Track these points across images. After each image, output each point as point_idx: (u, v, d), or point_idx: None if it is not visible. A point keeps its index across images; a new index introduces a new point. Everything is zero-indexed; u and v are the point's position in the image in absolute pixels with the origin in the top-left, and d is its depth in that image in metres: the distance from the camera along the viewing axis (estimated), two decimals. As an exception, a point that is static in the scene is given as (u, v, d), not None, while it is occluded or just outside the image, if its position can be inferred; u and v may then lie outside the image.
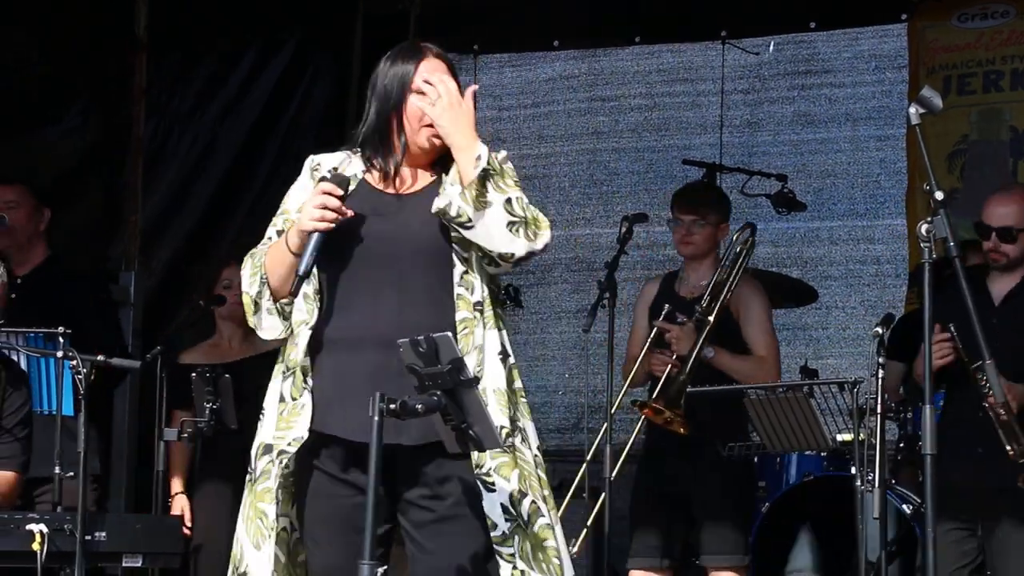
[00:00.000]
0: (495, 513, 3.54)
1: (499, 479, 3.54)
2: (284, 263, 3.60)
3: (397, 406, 3.24)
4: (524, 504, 3.55)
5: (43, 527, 4.81)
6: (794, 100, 8.17)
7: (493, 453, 3.51)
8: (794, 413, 5.61)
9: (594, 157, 8.49)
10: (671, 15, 8.18)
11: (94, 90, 7.01)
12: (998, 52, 7.67)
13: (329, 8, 8.07)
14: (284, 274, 3.61)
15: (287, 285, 3.60)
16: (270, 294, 3.62)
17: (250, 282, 3.65)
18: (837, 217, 8.03)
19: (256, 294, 3.64)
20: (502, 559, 3.54)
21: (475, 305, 3.58)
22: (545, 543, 3.57)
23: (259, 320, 3.65)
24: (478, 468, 3.53)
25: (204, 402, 5.60)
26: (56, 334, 5.09)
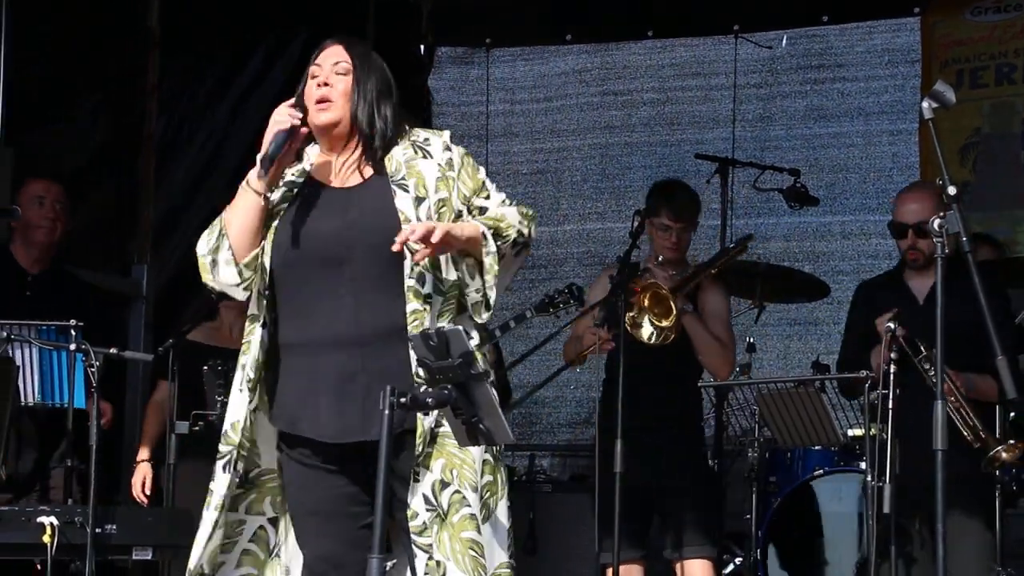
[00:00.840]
0: (416, 503, 3.54)
1: (423, 469, 3.55)
2: (248, 206, 3.62)
3: (408, 399, 3.23)
4: (445, 494, 3.55)
5: (54, 520, 4.83)
6: (806, 94, 8.16)
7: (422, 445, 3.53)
8: (805, 408, 5.61)
9: (606, 151, 8.49)
10: (683, 9, 8.18)
11: (106, 87, 7.02)
12: (1010, 45, 7.66)
13: (341, 3, 8.07)
14: (247, 221, 3.63)
15: (249, 237, 3.62)
16: (229, 246, 3.63)
17: (207, 240, 3.68)
18: (849, 212, 8.01)
19: (212, 248, 3.65)
20: (419, 549, 3.52)
21: (426, 297, 3.58)
22: (463, 534, 3.54)
23: (215, 273, 3.66)
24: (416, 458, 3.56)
25: (215, 395, 5.60)
26: (68, 327, 5.10)
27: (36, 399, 5.41)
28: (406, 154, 3.69)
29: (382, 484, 3.22)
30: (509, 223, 3.65)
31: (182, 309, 6.76)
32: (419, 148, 3.70)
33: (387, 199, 3.62)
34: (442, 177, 3.65)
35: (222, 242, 3.64)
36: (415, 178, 3.64)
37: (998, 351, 3.83)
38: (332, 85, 3.67)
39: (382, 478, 3.22)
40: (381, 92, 3.71)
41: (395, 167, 3.66)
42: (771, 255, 7.76)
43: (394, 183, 3.64)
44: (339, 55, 3.71)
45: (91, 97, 7.00)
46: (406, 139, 3.72)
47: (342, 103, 3.67)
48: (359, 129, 3.68)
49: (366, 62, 3.72)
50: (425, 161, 3.67)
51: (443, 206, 3.63)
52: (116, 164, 7.10)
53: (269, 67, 7.74)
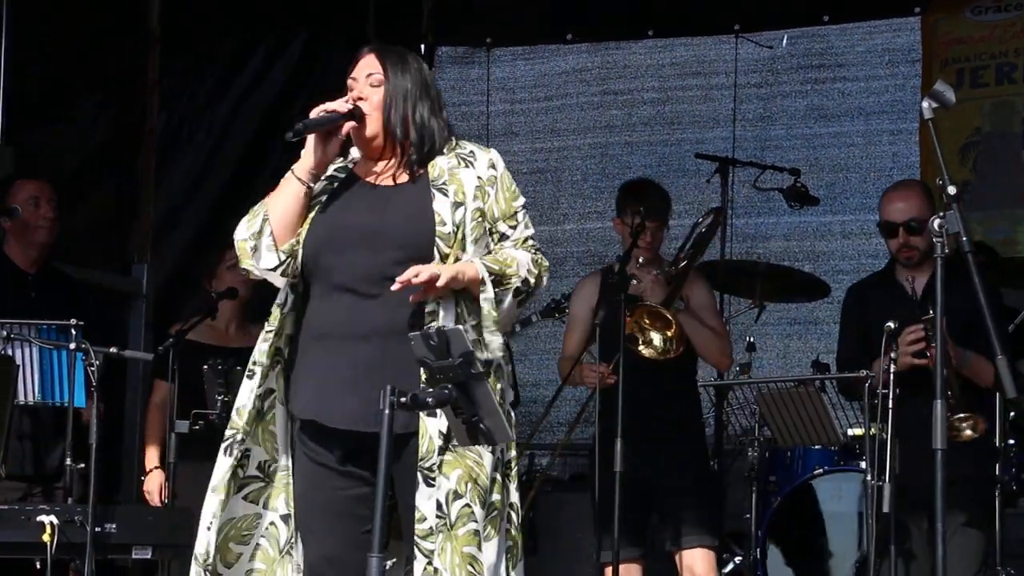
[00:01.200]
0: (427, 507, 3.54)
1: (440, 476, 3.54)
2: (288, 193, 3.68)
3: (408, 399, 3.23)
4: (456, 505, 3.55)
5: (54, 519, 4.83)
6: (807, 94, 8.16)
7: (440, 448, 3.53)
8: (805, 407, 5.62)
9: (606, 151, 8.49)
10: (684, 9, 8.18)
11: (106, 87, 7.02)
12: (1011, 44, 7.66)
13: (341, 3, 8.07)
14: (288, 205, 3.67)
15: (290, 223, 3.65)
16: (271, 232, 3.66)
17: (248, 224, 3.71)
18: (849, 211, 8.02)
19: (255, 233, 3.68)
20: (420, 552, 3.52)
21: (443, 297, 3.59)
22: (464, 549, 3.53)
23: (256, 258, 3.68)
24: (421, 460, 3.55)
25: (216, 394, 5.60)
26: (69, 326, 5.10)
27: (36, 398, 5.40)
28: (450, 163, 3.71)
29: (382, 483, 3.22)
30: (515, 271, 3.64)
31: (181, 307, 6.75)
32: (463, 159, 3.73)
33: (425, 200, 3.64)
34: (480, 188, 3.68)
35: (264, 227, 3.67)
36: (455, 184, 3.67)
37: (998, 351, 3.84)
38: (366, 98, 3.70)
39: (382, 477, 3.22)
40: (417, 98, 3.72)
41: (437, 172, 3.69)
42: (771, 255, 7.76)
43: (434, 187, 3.67)
44: (372, 66, 3.74)
45: (91, 96, 6.99)
46: (452, 151, 3.74)
47: (376, 116, 3.70)
48: (394, 139, 3.70)
49: (399, 69, 3.73)
50: (467, 171, 3.70)
51: (480, 215, 3.66)
52: (116, 163, 7.10)
53: (269, 67, 7.74)
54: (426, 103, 3.74)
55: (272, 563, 3.72)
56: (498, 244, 3.71)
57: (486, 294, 3.60)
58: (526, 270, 3.67)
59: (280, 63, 7.78)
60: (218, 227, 7.39)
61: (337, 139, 3.71)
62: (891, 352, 4.86)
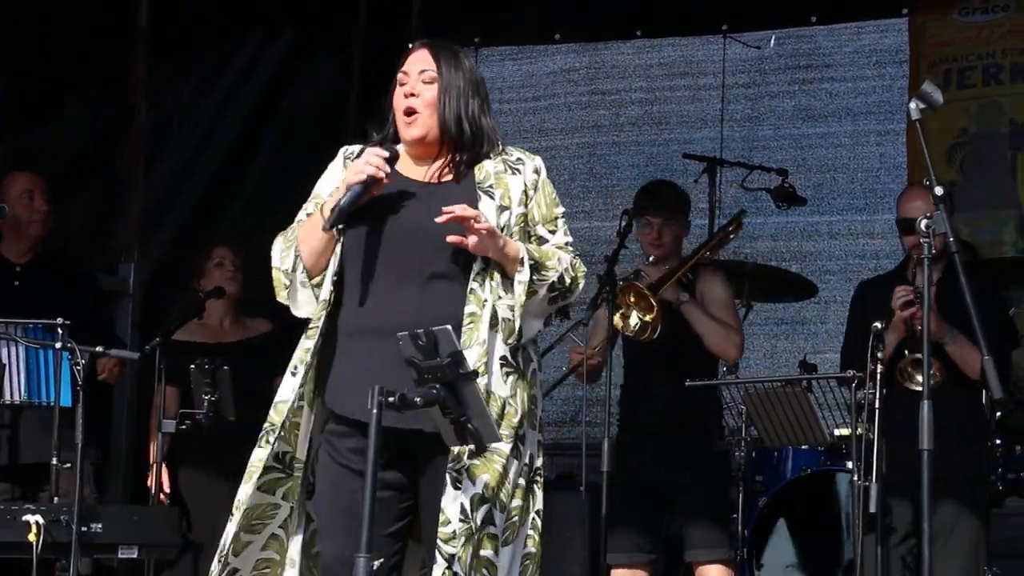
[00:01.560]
0: (452, 510, 3.51)
1: (467, 479, 3.52)
2: (318, 237, 3.65)
3: (396, 399, 3.23)
4: (481, 510, 3.53)
5: (39, 518, 4.82)
6: (795, 94, 8.16)
7: (471, 451, 3.50)
8: (792, 407, 5.62)
9: (594, 151, 8.49)
10: (672, 9, 8.18)
11: (94, 84, 7.00)
12: (998, 45, 7.67)
13: (329, 1, 8.06)
14: (317, 248, 3.66)
15: (320, 260, 3.65)
16: (304, 269, 3.66)
17: (282, 257, 3.70)
18: (837, 212, 8.02)
19: (290, 268, 3.67)
20: (440, 555, 3.49)
21: (485, 301, 3.59)
22: (481, 552, 3.52)
23: (292, 296, 3.69)
24: (452, 462, 3.52)
25: (203, 394, 5.59)
26: (55, 325, 5.09)
27: (22, 398, 5.39)
28: (496, 167, 3.71)
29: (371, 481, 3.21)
30: (555, 264, 3.64)
31: (168, 306, 6.75)
32: (510, 166, 3.72)
33: (470, 201, 3.62)
34: (525, 192, 3.69)
35: (297, 264, 3.67)
36: (502, 189, 3.67)
37: (984, 351, 3.85)
38: (419, 95, 3.68)
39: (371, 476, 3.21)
40: (469, 96, 3.71)
41: (484, 175, 3.68)
42: (759, 255, 7.77)
43: (480, 189, 3.66)
44: (425, 62, 3.71)
45: (78, 95, 6.98)
46: (499, 156, 3.73)
47: (428, 114, 3.68)
48: (448, 136, 3.69)
49: (452, 66, 3.71)
50: (513, 177, 3.70)
51: (523, 220, 3.67)
52: (103, 162, 7.09)
53: (257, 65, 7.73)
54: (477, 101, 3.73)
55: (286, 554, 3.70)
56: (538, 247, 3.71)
57: (522, 275, 3.58)
58: (564, 268, 3.66)
59: (268, 61, 7.77)
60: (204, 225, 7.40)
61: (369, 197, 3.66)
62: (877, 352, 4.87)
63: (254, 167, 7.60)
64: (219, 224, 7.46)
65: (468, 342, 3.53)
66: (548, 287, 3.64)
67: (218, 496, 5.91)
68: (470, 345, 3.52)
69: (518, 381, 3.61)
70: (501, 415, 3.55)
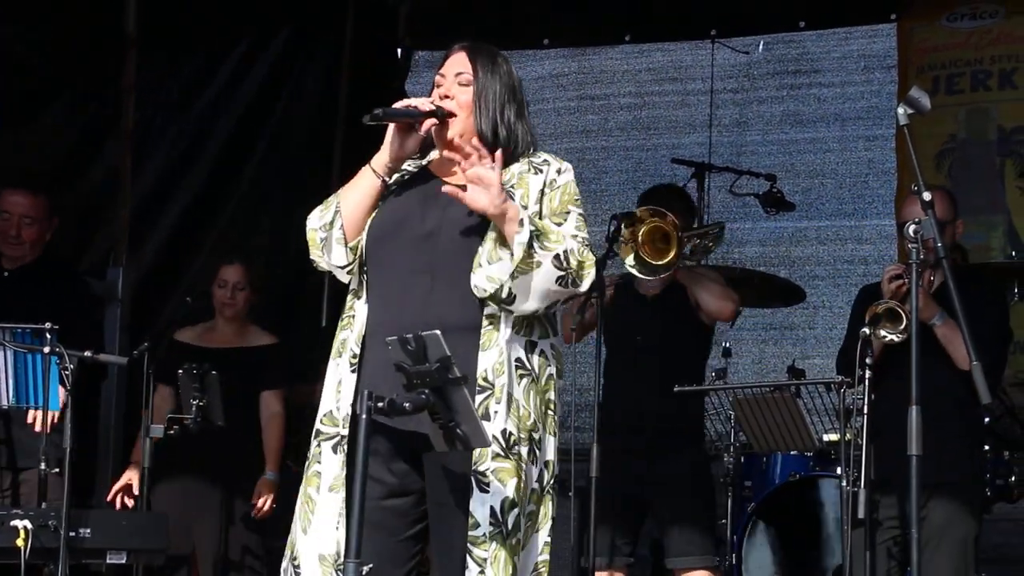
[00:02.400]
0: (481, 513, 3.50)
1: (495, 482, 3.51)
2: (362, 186, 3.65)
3: (385, 404, 3.23)
4: (512, 515, 3.52)
5: (27, 523, 4.80)
6: (783, 100, 8.18)
7: (494, 454, 3.50)
8: (781, 413, 5.63)
9: (583, 156, 8.49)
10: (661, 14, 8.19)
11: (81, 83, 6.99)
12: (986, 52, 7.69)
13: (320, 3, 8.06)
14: (362, 201, 3.64)
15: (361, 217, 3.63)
16: (341, 224, 3.64)
17: (320, 215, 3.67)
18: (825, 217, 8.04)
19: (327, 224, 3.64)
20: (471, 559, 3.49)
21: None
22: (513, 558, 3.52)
23: (327, 250, 3.66)
24: (475, 464, 3.51)
25: (191, 399, 5.58)
26: (43, 330, 5.08)
27: (10, 402, 5.38)
28: (521, 168, 3.70)
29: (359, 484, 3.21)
30: (558, 239, 3.56)
31: (157, 309, 6.74)
32: (535, 167, 3.71)
33: None
34: (542, 191, 3.67)
35: (336, 219, 3.65)
36: (523, 188, 3.66)
37: (973, 357, 3.86)
38: (453, 97, 3.67)
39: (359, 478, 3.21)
40: (505, 100, 3.70)
41: (508, 176, 3.66)
42: (747, 260, 7.78)
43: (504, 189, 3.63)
44: (462, 64, 3.70)
45: (67, 96, 6.96)
46: (526, 158, 3.73)
47: (463, 116, 3.67)
48: (484, 141, 3.66)
49: (489, 70, 3.71)
50: (535, 177, 3.68)
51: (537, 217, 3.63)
52: (91, 163, 7.07)
53: (248, 68, 7.72)
54: (513, 106, 3.71)
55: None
56: None
57: (521, 236, 3.51)
58: (570, 248, 3.57)
59: (259, 64, 7.76)
60: (196, 228, 7.39)
61: (416, 136, 3.66)
62: (866, 358, 4.88)
63: (246, 169, 7.59)
64: (211, 227, 7.46)
65: (487, 344, 3.53)
66: (554, 261, 3.53)
67: (194, 503, 5.91)
68: (488, 347, 3.53)
69: (532, 384, 3.60)
70: (517, 417, 3.55)
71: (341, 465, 3.59)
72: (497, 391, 3.53)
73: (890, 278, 5.05)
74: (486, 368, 3.53)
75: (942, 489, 4.99)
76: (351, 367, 3.60)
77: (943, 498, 5.02)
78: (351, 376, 3.60)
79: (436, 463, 3.57)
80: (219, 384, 5.58)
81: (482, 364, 3.53)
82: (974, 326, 3.90)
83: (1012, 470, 5.85)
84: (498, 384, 3.52)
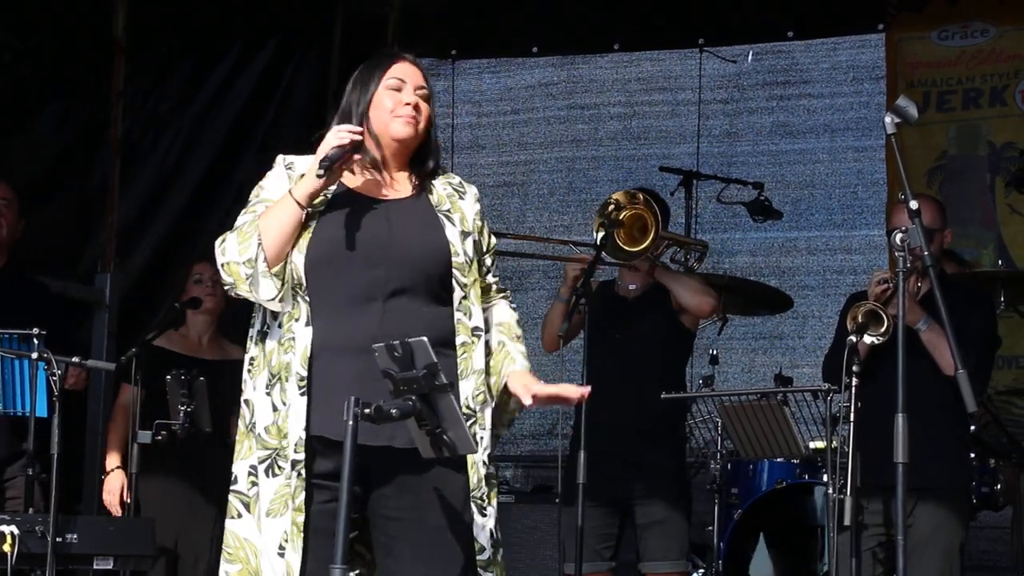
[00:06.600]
0: (484, 537, 3.59)
1: (490, 506, 3.61)
2: (287, 217, 3.59)
3: (372, 410, 3.23)
4: (498, 533, 3.64)
5: (14, 529, 4.80)
6: (772, 110, 8.19)
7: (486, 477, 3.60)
8: (768, 420, 5.64)
9: (573, 165, 8.51)
10: (649, 22, 8.20)
11: (70, 91, 6.99)
12: (977, 71, 7.72)
13: (309, 12, 8.07)
14: (286, 231, 3.59)
15: (283, 248, 3.58)
16: (264, 257, 3.58)
17: (240, 249, 3.60)
18: (815, 227, 8.05)
19: (252, 258, 3.58)
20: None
21: (473, 330, 3.63)
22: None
23: (254, 285, 3.60)
24: (473, 491, 3.58)
25: (179, 404, 5.57)
26: (30, 335, 5.07)
27: (-3, 408, 5.37)
28: (446, 190, 3.75)
29: (346, 494, 3.21)
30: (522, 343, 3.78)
31: (145, 316, 6.73)
32: (455, 189, 3.77)
33: (435, 222, 3.66)
34: (475, 221, 3.74)
35: (259, 253, 3.58)
36: (459, 213, 3.71)
37: (959, 364, 3.87)
38: (421, 108, 3.71)
39: (346, 487, 3.21)
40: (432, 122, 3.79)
41: (438, 199, 3.71)
42: (737, 270, 7.79)
43: (440, 212, 3.69)
44: (420, 79, 3.74)
45: (55, 104, 6.96)
46: (444, 178, 3.78)
47: (423, 128, 3.72)
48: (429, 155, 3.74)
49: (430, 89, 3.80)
50: (463, 201, 3.74)
51: (476, 249, 3.72)
52: (80, 171, 7.07)
53: (236, 77, 7.73)
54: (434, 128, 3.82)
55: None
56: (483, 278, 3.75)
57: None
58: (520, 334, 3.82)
59: (247, 73, 7.76)
60: (184, 236, 7.39)
61: (343, 168, 3.67)
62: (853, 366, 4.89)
63: (235, 177, 7.58)
64: (199, 234, 7.44)
65: (465, 371, 3.60)
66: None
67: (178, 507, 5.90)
68: (467, 375, 3.60)
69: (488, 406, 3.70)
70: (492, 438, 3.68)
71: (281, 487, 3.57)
72: (481, 418, 3.61)
73: (876, 282, 5.07)
74: (467, 396, 3.59)
75: (928, 496, 5.00)
76: (299, 390, 3.58)
77: (929, 505, 5.03)
78: (300, 399, 3.58)
79: (431, 486, 3.58)
80: (207, 390, 5.58)
81: (463, 392, 3.58)
82: (959, 332, 3.92)
83: (997, 478, 5.87)
84: (480, 411, 3.60)
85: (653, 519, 5.56)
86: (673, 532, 5.57)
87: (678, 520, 5.61)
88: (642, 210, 5.54)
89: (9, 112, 6.70)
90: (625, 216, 5.57)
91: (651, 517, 5.56)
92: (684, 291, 5.67)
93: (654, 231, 5.50)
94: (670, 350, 5.76)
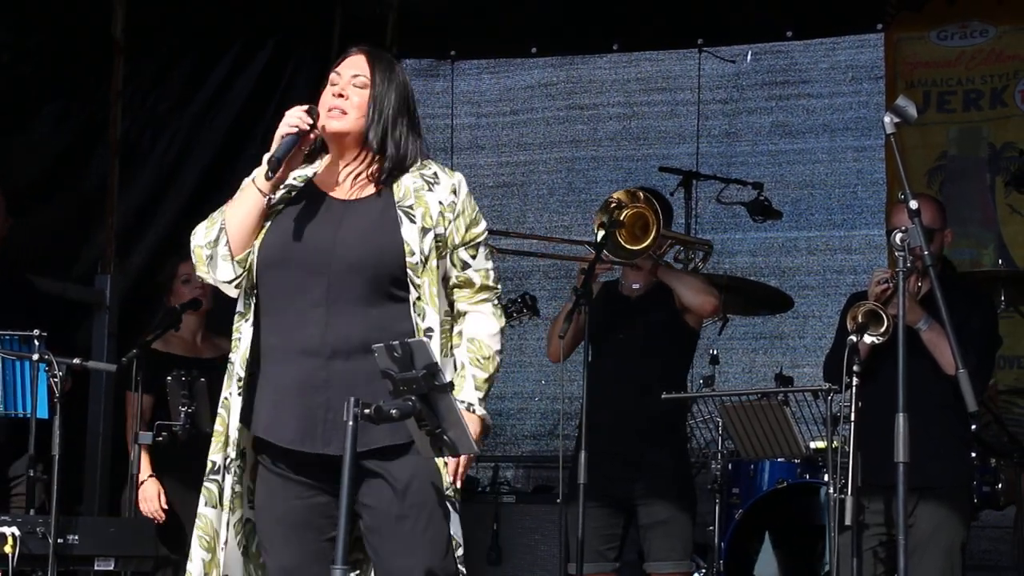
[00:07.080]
0: (458, 534, 3.61)
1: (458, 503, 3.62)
2: (251, 205, 3.61)
3: (372, 411, 3.23)
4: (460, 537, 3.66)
5: (15, 530, 4.80)
6: (772, 110, 8.19)
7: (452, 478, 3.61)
8: (768, 420, 5.64)
9: (572, 165, 8.50)
10: (648, 23, 8.20)
11: (69, 91, 6.99)
12: (977, 72, 7.71)
13: (308, 12, 8.07)
14: (249, 220, 3.61)
15: (247, 236, 3.60)
16: (227, 241, 3.61)
17: (205, 233, 3.65)
18: (815, 227, 8.05)
19: (212, 241, 3.62)
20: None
21: (426, 331, 3.58)
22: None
23: (212, 267, 3.63)
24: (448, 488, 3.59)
25: (180, 405, 5.57)
26: (31, 336, 5.07)
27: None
28: (415, 183, 3.67)
29: (346, 495, 3.21)
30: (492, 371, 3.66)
31: (145, 317, 6.73)
32: (427, 181, 3.67)
33: (389, 220, 3.60)
34: (442, 213, 3.63)
35: (221, 236, 3.61)
36: (422, 208, 3.63)
37: (959, 364, 3.88)
38: (348, 97, 3.64)
39: (346, 488, 3.21)
40: (398, 112, 3.67)
41: (403, 193, 3.64)
42: (737, 270, 7.79)
43: (401, 209, 3.62)
44: (360, 67, 3.68)
45: (54, 105, 6.96)
46: (417, 171, 3.69)
47: (355, 116, 3.64)
48: (370, 147, 3.66)
49: (386, 78, 3.68)
50: (431, 193, 3.65)
51: (440, 242, 3.62)
52: (79, 171, 7.07)
53: (235, 77, 7.73)
54: (405, 119, 3.69)
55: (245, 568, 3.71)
56: (461, 272, 3.67)
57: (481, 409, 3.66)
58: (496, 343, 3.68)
59: (246, 73, 7.77)
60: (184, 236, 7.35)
61: (300, 152, 3.66)
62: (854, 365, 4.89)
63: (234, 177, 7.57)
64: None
65: None
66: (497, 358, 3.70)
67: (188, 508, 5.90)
68: None
69: None
70: None
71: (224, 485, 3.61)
72: None
73: (876, 282, 5.07)
74: None
75: (929, 495, 5.00)
76: (237, 390, 3.60)
77: (930, 505, 5.03)
78: (238, 399, 3.59)
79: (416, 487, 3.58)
80: (207, 391, 5.58)
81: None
82: (960, 332, 3.93)
83: (999, 477, 5.86)
84: None
85: (656, 519, 5.56)
86: (677, 532, 5.56)
87: (682, 520, 5.61)
88: (643, 208, 5.55)
89: (8, 112, 6.70)
90: (626, 215, 5.58)
91: (654, 517, 5.56)
92: (687, 290, 5.67)
93: (655, 229, 5.50)
94: (673, 349, 5.76)
